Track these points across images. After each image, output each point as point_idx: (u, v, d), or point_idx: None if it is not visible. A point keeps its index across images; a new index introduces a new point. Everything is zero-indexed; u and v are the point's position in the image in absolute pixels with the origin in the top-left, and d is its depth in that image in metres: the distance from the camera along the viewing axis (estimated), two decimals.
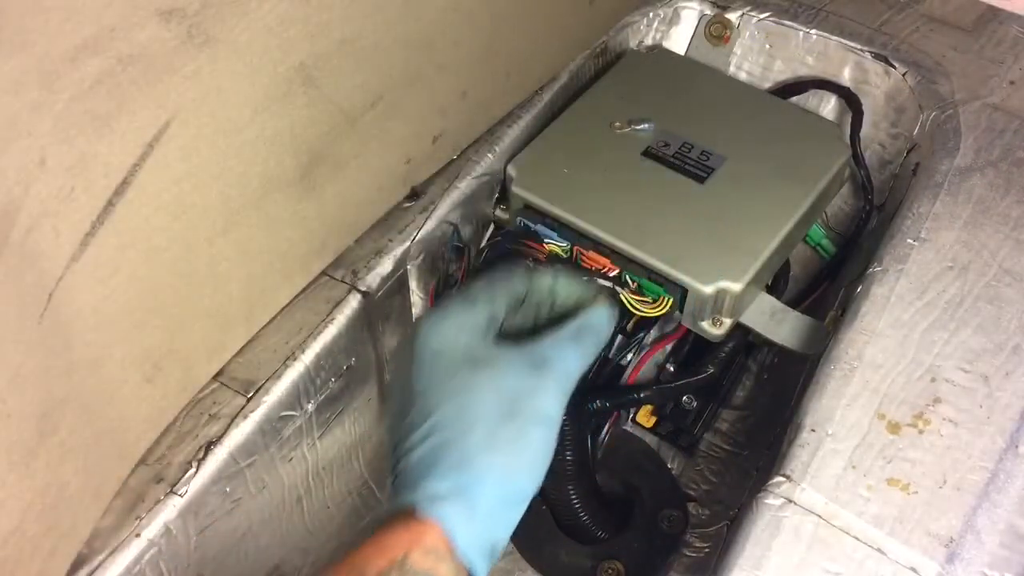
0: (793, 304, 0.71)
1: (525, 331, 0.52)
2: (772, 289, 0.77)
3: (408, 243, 0.68)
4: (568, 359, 0.49)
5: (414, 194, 0.71)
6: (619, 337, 0.79)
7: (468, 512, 0.43)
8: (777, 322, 0.69)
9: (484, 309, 0.50)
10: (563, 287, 0.54)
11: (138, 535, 0.54)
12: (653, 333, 0.80)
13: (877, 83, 0.79)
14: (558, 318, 0.52)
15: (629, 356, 0.78)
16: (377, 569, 0.41)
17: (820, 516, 0.53)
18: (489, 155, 0.73)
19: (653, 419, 0.77)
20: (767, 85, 0.84)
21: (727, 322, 0.67)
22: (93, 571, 0.53)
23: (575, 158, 0.72)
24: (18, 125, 0.41)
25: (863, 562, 0.51)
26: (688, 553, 0.77)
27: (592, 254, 0.67)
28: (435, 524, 0.43)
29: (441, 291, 0.69)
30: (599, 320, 0.52)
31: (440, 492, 0.43)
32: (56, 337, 0.47)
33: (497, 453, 0.44)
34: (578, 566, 0.74)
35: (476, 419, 0.45)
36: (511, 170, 0.72)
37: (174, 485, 0.56)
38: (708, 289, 0.64)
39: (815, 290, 0.79)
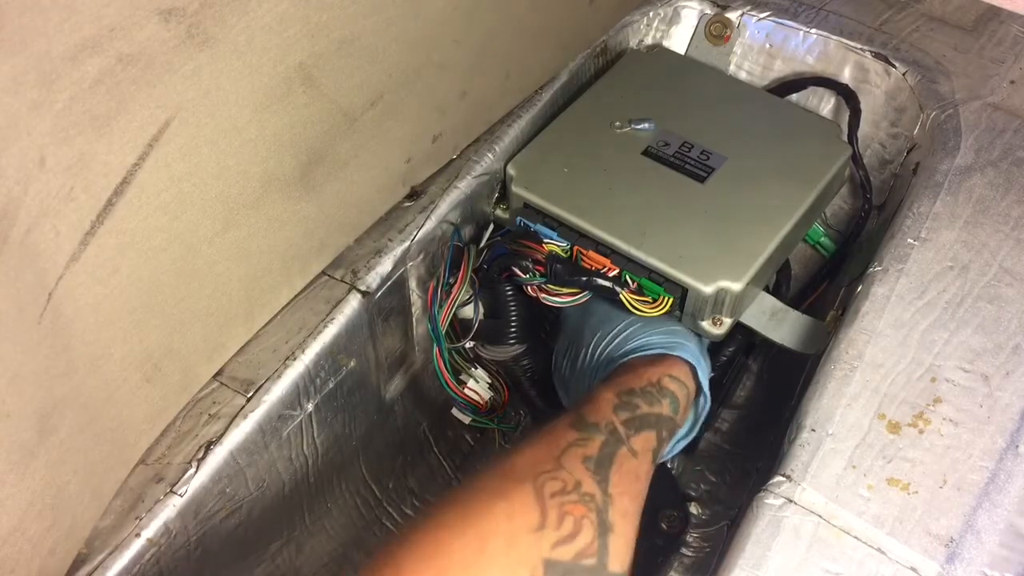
0: (793, 304, 0.71)
1: None
2: (774, 290, 0.77)
3: (408, 243, 0.68)
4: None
5: (414, 194, 0.71)
6: None
7: (692, 355, 0.63)
8: (777, 322, 0.69)
9: None
10: None
11: (138, 535, 0.54)
12: None
13: (877, 82, 0.79)
14: None
15: None
16: (639, 387, 0.58)
17: (820, 516, 0.53)
18: (489, 155, 0.73)
19: None
20: (766, 84, 0.84)
21: (727, 322, 0.67)
22: (93, 571, 0.53)
23: (575, 158, 0.72)
24: (18, 125, 0.41)
25: (863, 562, 0.51)
26: (688, 553, 0.77)
27: (592, 254, 0.67)
28: (678, 358, 0.62)
29: (440, 291, 0.69)
30: None
31: (670, 344, 0.63)
32: (56, 337, 0.47)
33: (683, 329, 0.66)
34: None
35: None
36: (511, 170, 0.72)
37: (174, 485, 0.56)
38: (708, 289, 0.64)
39: (815, 290, 0.79)
